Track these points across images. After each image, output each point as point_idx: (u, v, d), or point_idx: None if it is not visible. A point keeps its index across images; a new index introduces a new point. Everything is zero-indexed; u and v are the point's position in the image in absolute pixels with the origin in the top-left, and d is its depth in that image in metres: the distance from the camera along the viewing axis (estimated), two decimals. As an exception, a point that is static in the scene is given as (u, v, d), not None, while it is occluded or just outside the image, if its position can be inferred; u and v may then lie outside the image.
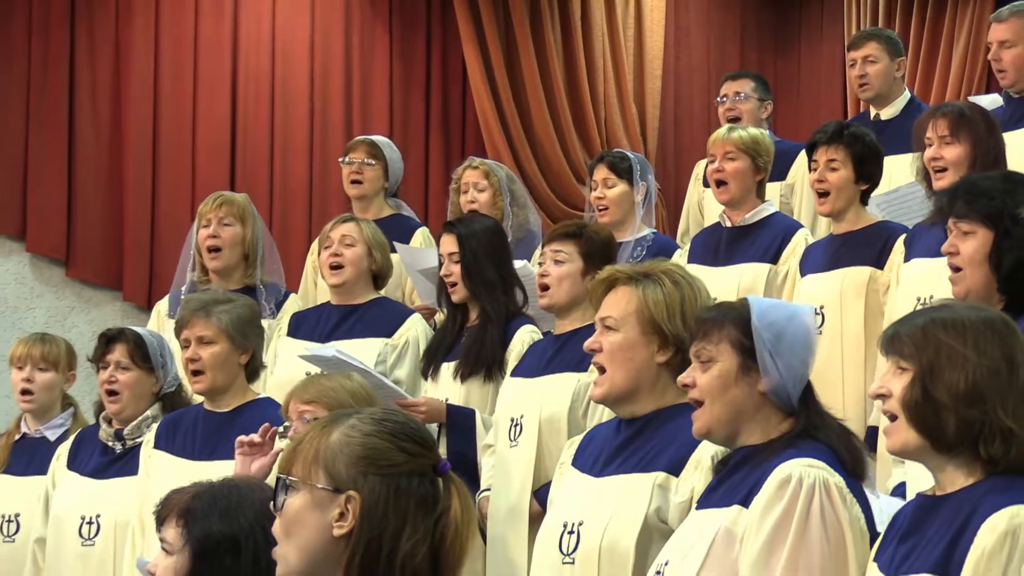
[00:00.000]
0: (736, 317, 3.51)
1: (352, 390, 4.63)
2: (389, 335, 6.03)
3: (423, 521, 2.62)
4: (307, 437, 2.69)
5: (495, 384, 5.65)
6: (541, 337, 5.69)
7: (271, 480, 3.31)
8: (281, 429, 4.70)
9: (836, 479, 3.33)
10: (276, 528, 2.66)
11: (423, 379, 5.86)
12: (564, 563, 3.89)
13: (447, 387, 5.70)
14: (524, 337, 5.66)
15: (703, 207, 7.43)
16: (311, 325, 6.16)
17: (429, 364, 5.85)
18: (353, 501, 2.60)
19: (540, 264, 5.46)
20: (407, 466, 2.64)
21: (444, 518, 2.64)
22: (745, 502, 3.39)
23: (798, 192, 7.14)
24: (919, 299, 5.10)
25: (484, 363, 5.65)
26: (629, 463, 3.89)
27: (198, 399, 5.41)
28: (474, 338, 5.70)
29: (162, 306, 6.63)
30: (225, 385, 5.22)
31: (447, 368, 5.75)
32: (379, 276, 6.21)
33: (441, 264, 5.84)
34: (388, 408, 2.85)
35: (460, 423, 5.50)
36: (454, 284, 5.76)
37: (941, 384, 3.01)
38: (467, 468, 5.46)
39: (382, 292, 6.32)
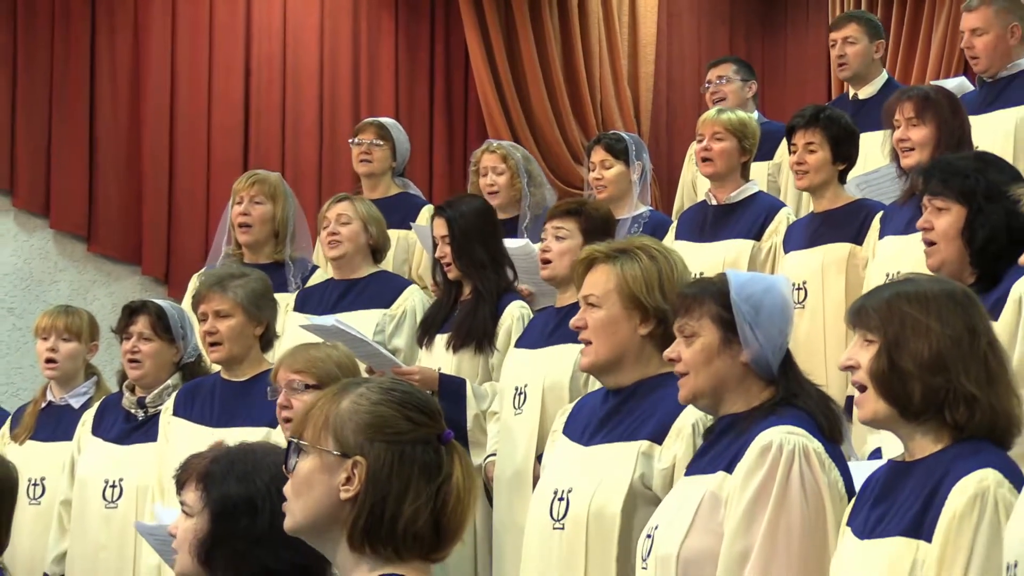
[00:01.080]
0: (715, 292, 3.52)
1: (338, 360, 4.61)
2: (387, 306, 6.05)
3: (426, 487, 2.61)
4: (318, 403, 2.68)
5: (485, 356, 5.68)
6: (530, 312, 5.73)
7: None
8: (268, 392, 4.72)
9: (815, 445, 3.34)
10: (287, 488, 2.66)
11: (419, 348, 5.87)
12: (554, 528, 3.91)
13: (440, 357, 5.71)
14: (514, 311, 5.68)
15: (696, 186, 7.41)
16: (316, 300, 6.18)
17: (424, 334, 5.85)
18: (359, 466, 2.60)
19: (542, 240, 5.50)
20: (412, 434, 2.64)
21: (446, 485, 2.63)
22: (729, 468, 3.40)
23: (785, 171, 7.12)
24: (888, 275, 5.10)
25: (475, 336, 5.67)
26: (615, 432, 3.91)
27: (216, 368, 5.43)
28: (466, 312, 5.71)
29: (196, 282, 6.64)
30: (241, 355, 5.24)
31: (440, 339, 5.76)
32: (376, 250, 6.22)
33: (436, 246, 5.87)
34: (395, 379, 2.86)
35: (452, 391, 5.49)
36: (448, 264, 5.78)
37: (906, 354, 3.02)
38: (457, 434, 5.47)
39: (381, 265, 6.33)
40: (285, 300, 6.09)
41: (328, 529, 2.63)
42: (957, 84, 6.78)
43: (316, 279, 6.42)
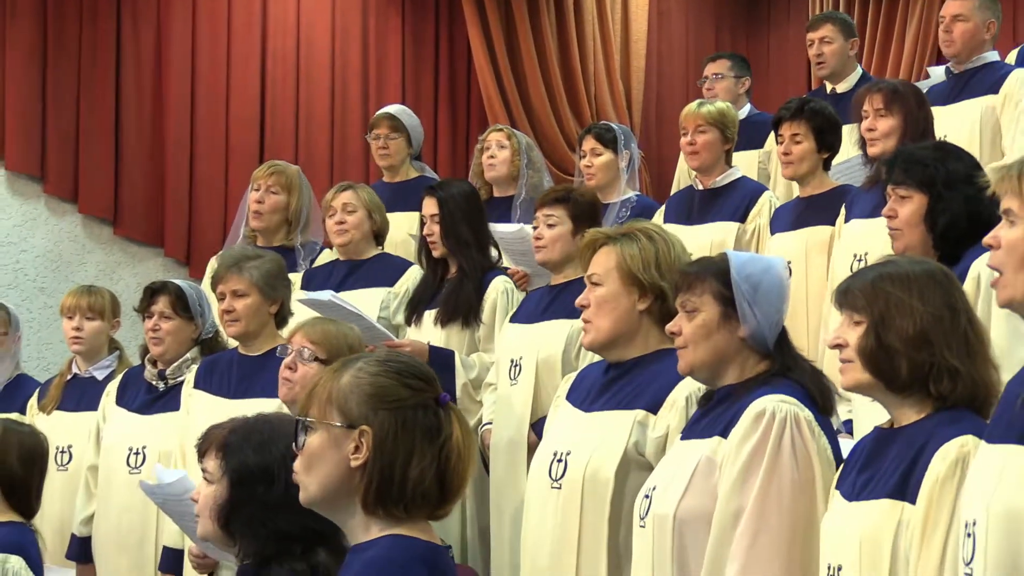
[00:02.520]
0: (716, 271, 3.51)
1: (351, 343, 4.60)
2: (390, 285, 6.02)
3: (429, 448, 2.61)
4: (320, 382, 2.68)
5: (471, 329, 5.66)
6: (514, 286, 5.73)
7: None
8: (278, 350, 4.74)
9: (805, 413, 3.33)
10: (297, 465, 2.66)
11: (407, 325, 5.84)
12: (552, 488, 3.90)
13: (429, 332, 5.69)
14: (498, 286, 5.68)
15: (691, 175, 7.41)
16: (322, 279, 6.15)
17: (412, 312, 5.84)
18: (366, 435, 2.60)
19: (534, 227, 5.47)
20: (412, 400, 2.63)
21: (447, 445, 2.63)
22: (724, 433, 3.39)
23: (774, 159, 7.11)
24: (855, 255, 5.10)
25: (461, 311, 5.65)
26: (613, 401, 3.90)
27: (232, 343, 5.42)
28: (451, 290, 5.70)
29: (215, 263, 6.63)
30: (257, 331, 5.21)
31: (428, 315, 5.75)
32: (378, 234, 6.20)
33: (424, 224, 5.84)
34: (390, 351, 2.85)
35: (441, 363, 5.45)
36: (434, 242, 5.76)
37: (893, 332, 3.01)
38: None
39: (392, 246, 6.32)
40: (294, 279, 6.07)
41: (341, 498, 2.63)
42: (942, 71, 6.74)
43: (322, 259, 6.41)
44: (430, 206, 5.79)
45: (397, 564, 2.54)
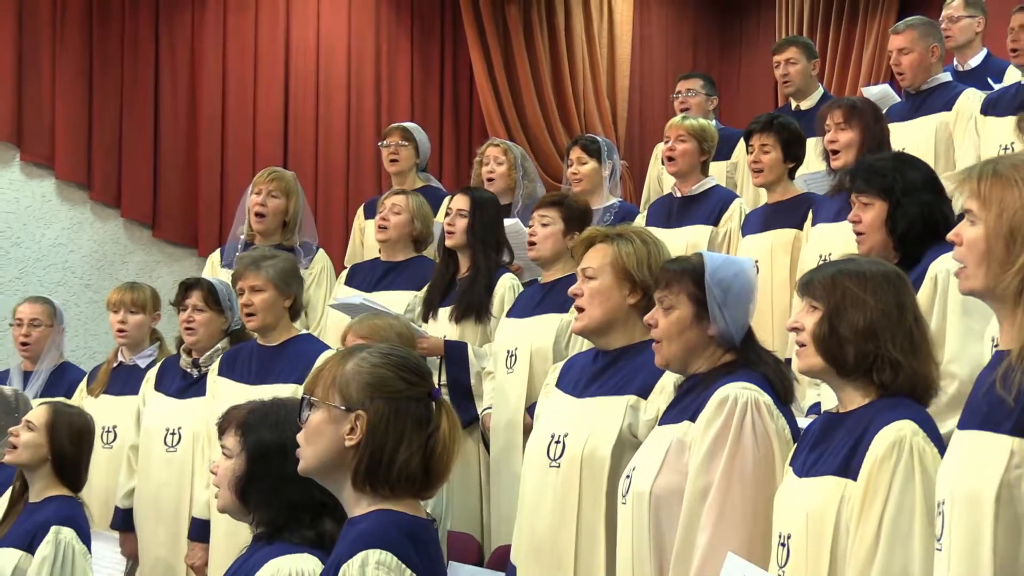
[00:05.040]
0: (692, 273, 3.50)
1: (399, 331, 4.59)
2: (419, 288, 5.98)
3: (417, 437, 2.62)
4: (328, 365, 2.69)
5: (483, 324, 5.64)
6: (520, 284, 5.70)
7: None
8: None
9: (765, 398, 3.32)
10: (300, 436, 2.67)
11: (423, 322, 5.80)
12: (551, 466, 3.89)
13: (444, 327, 5.68)
14: (506, 283, 5.66)
15: (661, 182, 7.40)
16: (362, 276, 6.15)
17: (427, 310, 5.80)
18: (361, 419, 2.61)
19: (530, 226, 5.46)
20: (406, 392, 2.64)
21: (435, 435, 2.64)
22: (693, 418, 3.38)
23: (741, 169, 7.11)
24: (821, 255, 5.08)
25: (474, 308, 5.63)
26: (606, 387, 3.89)
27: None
28: (465, 288, 5.67)
29: (215, 257, 6.64)
30: (273, 324, 5.21)
31: (444, 312, 5.72)
32: (419, 241, 6.16)
33: (448, 214, 5.81)
34: (393, 346, 2.85)
35: (456, 354, 5.48)
36: (452, 232, 5.72)
37: (845, 322, 3.00)
38: (463, 390, 5.47)
39: (423, 253, 6.27)
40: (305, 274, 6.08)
41: (334, 471, 2.64)
42: (880, 90, 6.78)
43: (319, 258, 6.40)
44: (461, 202, 5.75)
45: (384, 536, 2.55)
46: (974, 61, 6.96)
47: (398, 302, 5.85)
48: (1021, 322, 2.45)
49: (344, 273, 6.29)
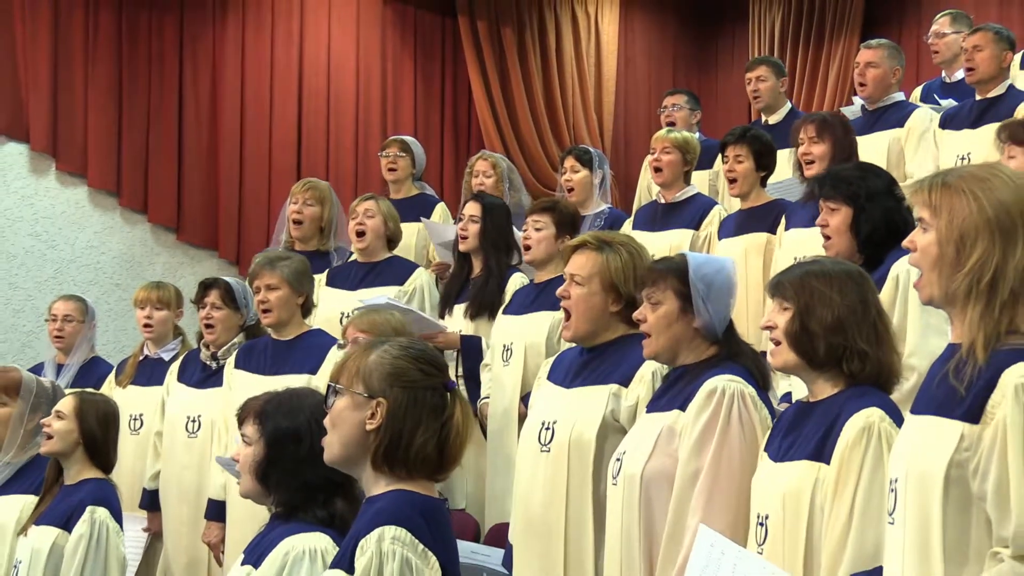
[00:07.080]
0: (677, 270, 3.49)
1: (395, 325, 4.60)
2: (401, 283, 5.96)
3: (433, 424, 2.63)
4: (352, 356, 2.70)
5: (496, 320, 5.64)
6: (529, 282, 5.68)
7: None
8: (341, 342, 4.76)
9: (750, 390, 3.33)
10: (326, 421, 2.68)
11: (440, 319, 5.77)
12: (542, 451, 3.88)
13: (459, 323, 5.66)
14: (515, 282, 5.63)
15: (651, 190, 7.39)
16: (343, 277, 6.09)
17: (444, 307, 5.79)
18: (382, 405, 2.61)
19: (524, 231, 5.44)
20: (424, 382, 2.65)
21: (449, 423, 2.65)
22: (683, 407, 3.39)
23: (722, 178, 7.09)
24: (795, 258, 5.05)
25: (487, 306, 5.61)
26: (591, 378, 3.88)
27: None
28: (479, 287, 5.65)
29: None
30: (286, 319, 5.19)
31: (459, 309, 5.71)
32: (392, 240, 6.11)
33: (459, 220, 5.79)
34: (413, 339, 2.85)
35: (471, 348, 5.46)
36: (466, 237, 5.70)
37: (814, 319, 3.00)
38: (477, 380, 5.46)
39: (401, 251, 6.26)
40: (319, 278, 6.04)
41: (357, 457, 2.65)
42: (860, 106, 6.74)
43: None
44: (474, 208, 5.72)
45: (400, 514, 2.56)
46: (959, 74, 6.94)
47: (383, 296, 5.81)
48: (970, 319, 2.45)
49: (322, 276, 6.19)
